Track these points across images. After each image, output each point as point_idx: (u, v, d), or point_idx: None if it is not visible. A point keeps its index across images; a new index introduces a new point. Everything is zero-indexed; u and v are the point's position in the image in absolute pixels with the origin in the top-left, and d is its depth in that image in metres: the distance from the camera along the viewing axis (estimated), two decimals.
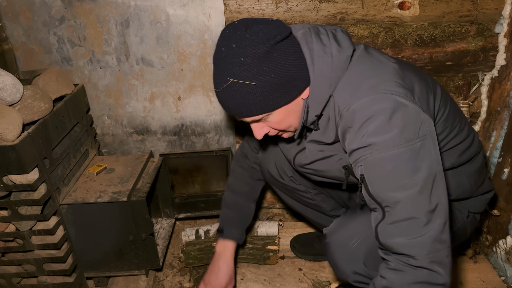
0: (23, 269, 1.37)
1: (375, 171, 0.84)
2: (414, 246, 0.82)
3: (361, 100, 0.84)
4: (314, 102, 0.94)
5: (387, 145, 0.81)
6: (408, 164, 0.81)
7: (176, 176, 1.76)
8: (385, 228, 0.85)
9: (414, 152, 0.81)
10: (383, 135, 0.81)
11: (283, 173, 1.38)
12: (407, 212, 0.82)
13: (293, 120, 0.97)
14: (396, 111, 0.82)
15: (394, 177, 0.82)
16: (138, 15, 1.51)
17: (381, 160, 0.82)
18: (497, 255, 1.60)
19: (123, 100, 1.68)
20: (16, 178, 1.16)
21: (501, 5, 1.48)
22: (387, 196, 0.83)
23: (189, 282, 1.66)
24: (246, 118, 0.94)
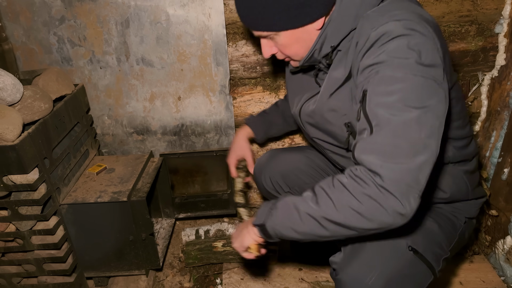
0: (23, 269, 1.37)
1: (380, 86, 0.79)
2: (387, 169, 0.74)
3: (390, 22, 0.81)
4: (333, 32, 0.91)
5: (403, 66, 0.77)
6: (416, 92, 0.77)
7: (176, 176, 1.76)
8: (365, 144, 0.78)
9: (425, 85, 0.77)
10: (402, 56, 0.78)
11: (279, 187, 1.37)
12: (395, 136, 0.75)
13: (300, 49, 0.96)
14: (424, 42, 0.79)
15: (397, 98, 0.77)
16: (138, 15, 1.51)
17: (391, 77, 0.78)
18: (496, 255, 1.60)
19: (123, 100, 1.68)
20: (16, 178, 1.16)
21: (501, 5, 1.48)
22: (382, 114, 0.77)
23: (189, 282, 1.66)
24: (254, 31, 0.94)
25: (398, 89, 0.77)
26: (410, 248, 0.98)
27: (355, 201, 0.76)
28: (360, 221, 0.77)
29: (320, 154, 1.38)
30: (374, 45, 0.81)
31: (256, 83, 1.69)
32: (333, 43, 0.93)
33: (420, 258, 0.99)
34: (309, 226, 0.83)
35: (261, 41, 0.99)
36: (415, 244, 1.00)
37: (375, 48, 0.81)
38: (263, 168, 1.39)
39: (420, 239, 1.02)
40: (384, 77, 0.79)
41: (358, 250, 1.00)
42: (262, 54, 1.01)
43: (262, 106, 1.72)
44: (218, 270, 1.69)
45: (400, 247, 0.99)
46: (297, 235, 0.87)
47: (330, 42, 0.93)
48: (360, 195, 0.76)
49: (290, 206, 0.87)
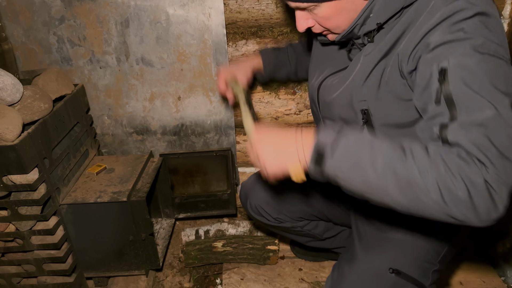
0: (23, 269, 1.37)
1: (468, 64, 0.68)
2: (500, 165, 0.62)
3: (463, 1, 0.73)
4: (382, 7, 0.79)
5: (490, 46, 0.69)
6: (504, 75, 0.69)
7: (176, 176, 1.76)
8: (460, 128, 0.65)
9: (506, 67, 0.70)
10: (486, 35, 0.70)
11: (267, 215, 1.32)
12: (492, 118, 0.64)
13: (343, 20, 0.84)
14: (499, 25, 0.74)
15: (488, 80, 0.66)
16: (138, 15, 1.51)
17: (478, 55, 0.68)
18: (497, 255, 1.60)
19: (123, 100, 1.68)
20: (16, 178, 1.16)
21: (501, 5, 1.47)
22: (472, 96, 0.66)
23: (189, 282, 1.66)
24: (290, 2, 0.84)
25: (488, 70, 0.68)
26: (391, 271, 0.94)
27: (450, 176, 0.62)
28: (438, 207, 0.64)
29: None
30: (445, 21, 0.72)
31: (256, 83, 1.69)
32: (381, 20, 0.81)
33: (405, 278, 0.94)
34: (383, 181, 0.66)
35: (296, 13, 0.88)
36: (397, 264, 0.95)
37: (448, 24, 0.71)
38: (248, 194, 1.35)
39: (403, 258, 0.97)
40: (469, 54, 0.68)
41: (340, 282, 0.98)
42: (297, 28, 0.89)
43: (262, 106, 1.72)
44: (218, 270, 1.69)
45: (381, 271, 0.95)
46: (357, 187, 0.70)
47: (376, 18, 0.81)
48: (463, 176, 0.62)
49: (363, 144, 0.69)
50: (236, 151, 1.82)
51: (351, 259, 1.00)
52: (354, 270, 0.98)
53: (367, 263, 0.98)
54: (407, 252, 0.99)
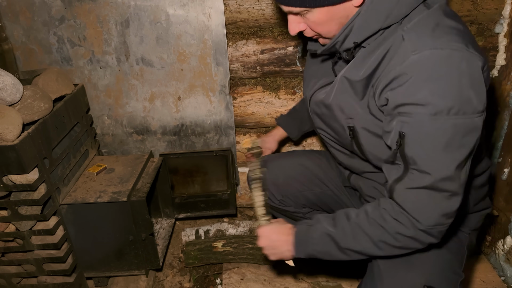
0: (23, 269, 1.37)
1: (421, 133, 0.77)
2: (425, 214, 0.83)
3: (433, 51, 0.74)
4: (360, 27, 0.83)
5: (447, 111, 0.74)
6: (457, 138, 0.76)
7: (176, 176, 1.76)
8: (404, 191, 0.84)
9: (468, 128, 0.76)
10: (447, 100, 0.73)
11: (272, 196, 1.36)
12: (438, 183, 0.79)
13: (334, 26, 0.87)
14: (471, 79, 0.74)
15: (438, 146, 0.77)
16: (138, 15, 1.51)
17: (433, 124, 0.75)
18: (496, 255, 1.60)
19: (123, 100, 1.68)
20: (16, 178, 1.16)
21: (501, 5, 1.47)
22: (423, 161, 0.79)
23: (189, 282, 1.66)
24: (283, 6, 0.86)
25: (439, 137, 0.76)
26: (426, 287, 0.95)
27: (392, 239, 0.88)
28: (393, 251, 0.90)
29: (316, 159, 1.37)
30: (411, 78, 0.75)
31: (256, 83, 1.69)
32: (358, 39, 0.85)
33: None
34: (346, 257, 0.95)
35: (289, 16, 0.90)
36: (430, 280, 0.95)
37: (411, 83, 0.75)
38: None
39: (433, 272, 0.97)
40: (425, 122, 0.76)
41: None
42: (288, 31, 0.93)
43: (262, 106, 1.72)
44: (218, 270, 1.69)
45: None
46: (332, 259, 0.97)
47: (354, 37, 0.85)
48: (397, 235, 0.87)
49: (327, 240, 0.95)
50: (236, 151, 1.82)
51: (381, 276, 0.99)
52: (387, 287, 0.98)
53: (400, 280, 0.97)
54: (437, 266, 0.99)
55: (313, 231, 0.97)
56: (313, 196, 1.34)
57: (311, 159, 1.37)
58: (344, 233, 0.92)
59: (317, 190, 1.34)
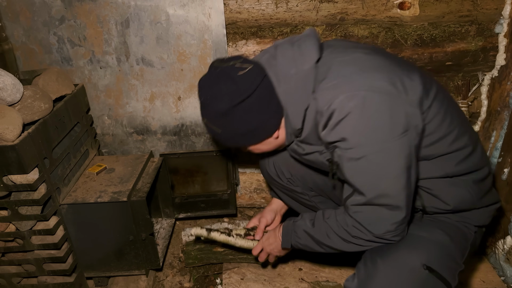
0: (23, 269, 1.37)
1: (348, 164, 0.93)
2: (375, 225, 0.96)
3: (340, 97, 0.88)
4: (293, 117, 1.00)
5: (360, 145, 0.89)
6: (380, 162, 0.89)
7: (176, 176, 1.76)
8: (352, 207, 0.98)
9: (387, 152, 0.88)
10: (358, 135, 0.88)
11: (281, 173, 1.38)
12: (374, 200, 0.93)
13: (270, 149, 1.11)
14: (373, 107, 0.87)
15: (364, 173, 0.92)
16: (138, 15, 1.51)
17: (354, 157, 0.91)
18: (496, 255, 1.60)
19: (123, 100, 1.68)
20: (16, 178, 1.16)
21: (501, 5, 1.48)
22: (356, 184, 0.94)
23: (189, 282, 1.66)
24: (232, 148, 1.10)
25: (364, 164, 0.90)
26: (425, 267, 0.97)
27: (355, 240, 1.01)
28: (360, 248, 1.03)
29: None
30: (328, 121, 0.91)
31: None
32: (298, 126, 1.02)
33: (437, 276, 0.97)
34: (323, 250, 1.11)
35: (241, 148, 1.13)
36: (429, 261, 0.98)
37: (331, 127, 0.91)
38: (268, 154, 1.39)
39: (434, 256, 1.00)
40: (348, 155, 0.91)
41: (372, 274, 1.00)
42: None
43: None
44: (218, 270, 1.69)
45: (415, 267, 0.97)
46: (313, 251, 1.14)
47: (295, 126, 1.02)
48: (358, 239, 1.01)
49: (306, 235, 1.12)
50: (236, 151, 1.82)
51: (383, 253, 1.02)
52: (387, 263, 1.00)
53: (400, 257, 1.00)
54: (438, 250, 1.02)
55: (296, 226, 1.16)
56: (320, 181, 1.35)
57: None
58: (320, 231, 1.08)
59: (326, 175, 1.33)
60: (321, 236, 1.07)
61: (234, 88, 0.94)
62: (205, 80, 1.00)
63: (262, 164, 1.44)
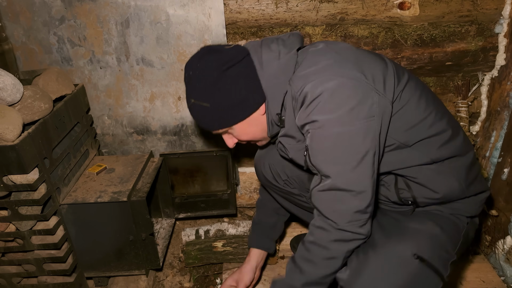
0: (23, 269, 1.37)
1: (317, 144, 0.93)
2: (338, 213, 0.94)
3: (311, 82, 0.92)
4: (272, 102, 1.03)
5: (328, 123, 0.90)
6: (346, 143, 0.90)
7: (176, 176, 1.76)
8: (317, 193, 0.96)
9: (353, 133, 0.90)
10: (326, 114, 0.90)
11: (277, 176, 1.37)
12: (339, 184, 0.92)
13: (256, 132, 1.10)
14: (342, 91, 0.90)
15: (331, 153, 0.92)
16: (138, 15, 1.51)
17: (322, 136, 0.92)
18: (496, 255, 1.60)
19: (123, 100, 1.68)
20: (16, 178, 1.16)
21: (501, 5, 1.48)
22: (323, 167, 0.94)
23: (189, 282, 1.66)
24: (211, 131, 1.09)
25: (330, 145, 0.91)
26: (416, 257, 0.98)
27: (325, 251, 0.98)
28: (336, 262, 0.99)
29: None
30: (302, 106, 0.94)
31: None
32: (277, 111, 1.05)
33: (427, 265, 0.97)
34: None
35: (222, 136, 1.14)
36: (420, 251, 0.98)
37: (303, 109, 0.94)
38: (263, 155, 1.40)
39: (424, 245, 1.00)
40: (317, 136, 0.93)
41: (364, 265, 1.00)
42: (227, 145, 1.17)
43: None
44: (218, 270, 1.69)
45: (406, 257, 0.98)
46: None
47: (274, 111, 1.05)
48: (327, 243, 0.97)
49: None
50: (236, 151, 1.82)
51: (374, 244, 1.03)
52: (378, 253, 1.01)
53: (391, 247, 1.01)
54: (429, 240, 1.03)
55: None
56: None
57: None
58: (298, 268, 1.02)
59: None
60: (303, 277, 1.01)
61: (222, 56, 0.98)
62: (192, 58, 1.03)
63: (257, 168, 1.43)
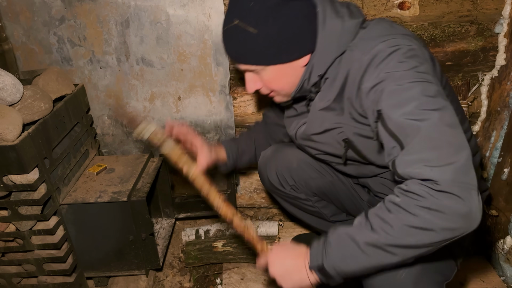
0: (23, 269, 1.37)
1: (392, 100, 0.80)
2: (439, 172, 0.72)
3: (379, 44, 0.86)
4: (319, 61, 0.95)
5: (404, 76, 0.81)
6: (426, 95, 0.79)
7: (176, 176, 1.76)
8: (406, 157, 0.77)
9: (431, 86, 0.81)
10: (400, 69, 0.82)
11: (284, 181, 1.35)
12: (431, 140, 0.75)
13: (286, 84, 0.99)
14: (413, 53, 0.85)
15: (414, 105, 0.78)
16: (138, 15, 1.51)
17: (398, 89, 0.80)
18: (496, 255, 1.60)
19: (123, 100, 1.68)
20: (16, 178, 1.16)
21: (501, 5, 1.48)
22: (407, 124, 0.77)
23: (189, 282, 1.66)
24: (240, 65, 0.97)
25: (411, 97, 0.78)
26: None
27: (413, 217, 0.73)
28: (426, 236, 0.73)
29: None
30: (369, 67, 0.86)
31: None
32: (320, 72, 0.96)
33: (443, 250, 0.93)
34: (374, 257, 0.78)
35: (246, 75, 1.01)
36: None
37: (372, 70, 0.85)
38: (268, 161, 1.37)
39: None
40: (392, 91, 0.81)
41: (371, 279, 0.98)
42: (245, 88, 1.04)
43: (262, 106, 1.72)
44: (218, 270, 1.69)
45: None
46: (363, 269, 0.81)
47: (317, 71, 0.96)
48: (417, 209, 0.72)
49: (345, 239, 0.81)
50: None
51: None
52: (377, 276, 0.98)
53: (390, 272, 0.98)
54: None
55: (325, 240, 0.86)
56: (324, 184, 1.34)
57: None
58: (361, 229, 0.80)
59: (329, 178, 1.34)
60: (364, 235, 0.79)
61: None
62: None
63: (262, 173, 1.40)
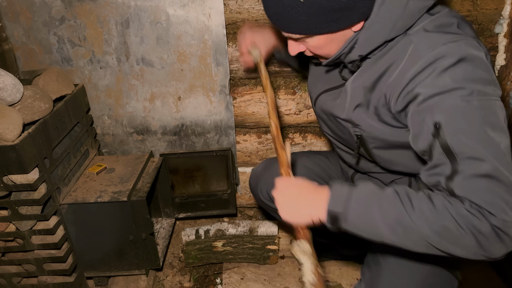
0: (23, 268, 1.37)
1: (460, 117, 0.73)
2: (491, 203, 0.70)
3: (447, 46, 0.76)
4: (366, 40, 0.84)
5: (477, 91, 0.73)
6: (493, 117, 0.73)
7: (176, 176, 1.76)
8: (465, 181, 0.72)
9: (498, 107, 0.75)
10: (474, 81, 0.74)
11: None
12: (493, 169, 0.71)
13: (333, 50, 0.89)
14: (486, 63, 0.77)
15: (481, 128, 0.72)
16: (138, 15, 1.51)
17: (469, 106, 0.73)
18: None
19: (123, 100, 1.68)
20: (16, 178, 1.17)
21: (501, 5, 1.48)
22: (471, 147, 0.72)
23: (189, 282, 1.66)
24: (284, 32, 0.87)
25: (479, 117, 0.73)
26: None
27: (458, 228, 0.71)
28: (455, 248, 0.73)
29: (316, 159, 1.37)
30: (430, 68, 0.76)
31: (256, 83, 1.69)
32: (362, 52, 0.87)
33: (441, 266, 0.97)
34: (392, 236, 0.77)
35: (289, 40, 0.92)
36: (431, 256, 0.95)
37: (436, 74, 0.76)
38: (259, 179, 1.34)
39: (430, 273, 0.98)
40: (460, 106, 0.73)
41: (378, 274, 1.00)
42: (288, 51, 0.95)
43: (262, 106, 1.72)
44: (218, 270, 1.69)
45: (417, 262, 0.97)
46: (371, 236, 0.80)
47: (359, 50, 0.86)
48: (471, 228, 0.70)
49: (373, 205, 0.78)
50: (236, 151, 1.82)
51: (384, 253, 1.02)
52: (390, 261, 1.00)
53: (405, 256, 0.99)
54: None
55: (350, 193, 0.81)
56: None
57: (312, 159, 1.37)
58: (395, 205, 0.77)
59: None
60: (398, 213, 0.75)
61: None
62: None
63: (253, 188, 1.38)
